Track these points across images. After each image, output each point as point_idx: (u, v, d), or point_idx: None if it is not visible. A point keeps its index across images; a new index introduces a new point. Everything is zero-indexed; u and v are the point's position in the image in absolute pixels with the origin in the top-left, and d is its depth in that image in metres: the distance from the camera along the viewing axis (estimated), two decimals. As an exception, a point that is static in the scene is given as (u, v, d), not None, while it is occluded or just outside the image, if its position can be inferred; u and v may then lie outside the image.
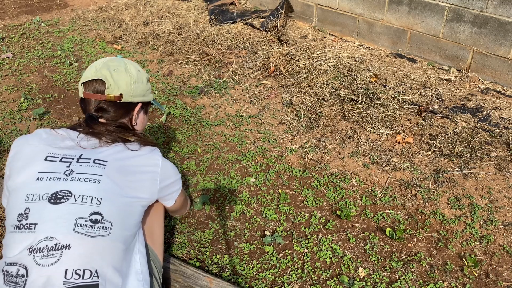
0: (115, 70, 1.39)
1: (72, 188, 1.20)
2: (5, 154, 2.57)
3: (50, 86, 3.33)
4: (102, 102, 1.37)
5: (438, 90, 3.11)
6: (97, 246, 1.17)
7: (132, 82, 1.42)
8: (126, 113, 1.45)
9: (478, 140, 2.56)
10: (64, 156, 1.26)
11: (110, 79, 1.37)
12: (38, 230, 1.15)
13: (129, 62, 1.47)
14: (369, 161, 2.47)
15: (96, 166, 1.25)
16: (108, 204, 1.21)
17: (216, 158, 2.54)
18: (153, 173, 1.36)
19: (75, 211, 1.17)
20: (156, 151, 1.41)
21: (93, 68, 1.40)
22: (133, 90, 1.42)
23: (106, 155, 1.29)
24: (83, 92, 1.38)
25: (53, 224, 1.15)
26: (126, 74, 1.41)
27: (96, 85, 1.37)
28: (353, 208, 2.18)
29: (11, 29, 4.29)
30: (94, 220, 1.18)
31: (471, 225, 2.05)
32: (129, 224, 1.28)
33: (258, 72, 3.45)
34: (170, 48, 3.85)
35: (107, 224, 1.20)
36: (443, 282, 1.80)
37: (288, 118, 2.88)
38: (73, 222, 1.16)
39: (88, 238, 1.15)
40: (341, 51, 3.71)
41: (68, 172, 1.22)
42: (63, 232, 1.14)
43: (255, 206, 2.21)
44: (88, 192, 1.20)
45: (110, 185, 1.23)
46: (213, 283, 1.66)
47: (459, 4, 3.24)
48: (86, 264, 1.14)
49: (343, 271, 1.85)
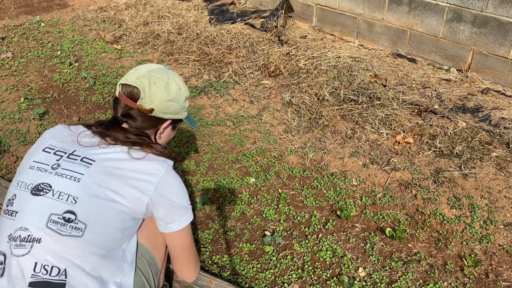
0: (155, 82, 1.35)
1: (53, 183, 1.20)
2: (5, 154, 2.57)
3: (50, 86, 3.33)
4: (133, 109, 1.35)
5: (438, 90, 3.11)
6: (67, 246, 1.14)
7: (168, 100, 1.37)
8: (153, 126, 1.40)
9: (478, 140, 2.56)
10: (58, 150, 1.27)
11: (147, 90, 1.33)
12: (17, 218, 1.17)
13: (173, 77, 1.41)
14: (369, 161, 2.47)
15: (81, 164, 1.23)
16: (83, 204, 1.18)
17: (216, 158, 2.54)
18: (147, 182, 1.25)
19: (50, 206, 1.17)
20: (163, 161, 1.31)
21: (136, 73, 1.36)
22: (166, 107, 1.38)
23: (96, 154, 1.26)
24: (119, 92, 1.36)
25: (29, 215, 1.16)
26: (165, 90, 1.36)
27: (133, 91, 1.34)
28: (353, 208, 2.18)
29: (11, 29, 4.29)
30: (67, 219, 1.16)
31: (471, 225, 2.05)
32: (109, 229, 1.22)
33: (258, 72, 3.45)
34: (170, 48, 3.85)
35: (80, 225, 1.16)
36: (443, 282, 1.80)
37: (288, 118, 2.88)
38: (46, 217, 1.15)
39: (58, 236, 1.14)
40: (341, 51, 3.71)
41: (55, 166, 1.23)
42: (36, 225, 1.15)
43: (255, 206, 2.21)
44: (66, 189, 1.18)
45: (89, 186, 1.20)
46: (213, 283, 1.66)
47: (459, 4, 3.25)
48: (55, 261, 1.13)
49: (343, 271, 1.85)
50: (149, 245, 1.42)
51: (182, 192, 1.35)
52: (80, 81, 3.39)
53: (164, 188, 1.29)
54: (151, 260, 1.42)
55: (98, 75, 3.48)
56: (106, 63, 3.67)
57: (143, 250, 1.39)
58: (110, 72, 3.52)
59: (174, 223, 1.35)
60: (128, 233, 1.31)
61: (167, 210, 1.32)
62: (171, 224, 1.35)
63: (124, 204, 1.23)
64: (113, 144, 1.29)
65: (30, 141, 2.68)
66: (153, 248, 1.43)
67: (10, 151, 2.61)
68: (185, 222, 1.37)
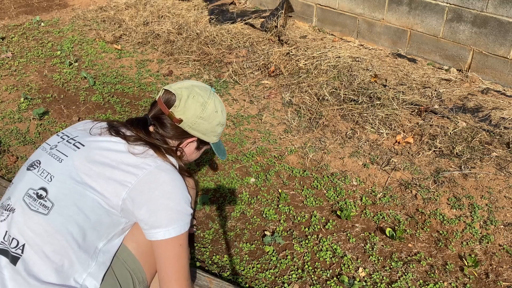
0: (194, 96, 1.36)
1: (42, 160, 1.25)
2: (5, 154, 2.57)
3: (50, 86, 3.33)
4: (164, 115, 1.36)
5: (438, 90, 3.11)
6: (32, 221, 1.15)
7: (200, 117, 1.37)
8: (178, 138, 1.39)
9: (478, 140, 2.56)
10: (66, 134, 1.32)
11: (183, 101, 1.34)
12: (10, 189, 1.24)
13: (215, 99, 1.41)
14: (369, 161, 2.47)
15: (71, 147, 1.25)
16: (57, 184, 1.18)
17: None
18: (130, 174, 1.18)
19: (31, 181, 1.21)
20: (161, 161, 1.23)
21: (180, 84, 1.40)
22: (195, 123, 1.37)
23: (90, 141, 1.26)
24: (159, 97, 1.39)
25: (15, 187, 1.22)
26: (200, 106, 1.36)
27: (171, 98, 1.36)
28: (353, 208, 2.18)
29: (11, 29, 4.28)
30: (39, 195, 1.17)
31: (471, 225, 2.05)
32: (77, 215, 1.15)
33: (258, 72, 3.45)
34: (170, 48, 3.85)
35: (48, 204, 1.16)
36: (443, 282, 1.80)
37: (288, 118, 2.88)
38: (25, 190, 1.19)
39: (28, 209, 1.16)
40: (341, 51, 3.71)
41: (53, 147, 1.28)
42: (16, 196, 1.19)
43: (255, 206, 2.21)
44: (48, 168, 1.22)
45: (68, 167, 1.19)
46: (213, 283, 1.66)
47: (459, 4, 3.24)
48: (17, 234, 1.14)
49: (343, 271, 1.85)
50: (136, 252, 1.31)
51: (175, 192, 1.20)
52: (80, 81, 3.39)
53: (149, 184, 1.17)
54: (136, 268, 1.31)
55: (98, 75, 3.48)
56: (106, 63, 3.67)
57: (127, 256, 1.30)
58: (110, 72, 3.52)
59: (159, 229, 1.16)
60: (104, 232, 1.21)
61: (150, 209, 1.16)
62: (157, 230, 1.16)
63: (98, 192, 1.16)
64: (115, 136, 1.27)
65: (30, 141, 2.68)
66: (140, 256, 1.31)
67: (10, 151, 2.60)
68: (175, 231, 1.16)
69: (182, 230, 1.18)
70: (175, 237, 1.16)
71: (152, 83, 3.37)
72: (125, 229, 1.29)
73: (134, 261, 1.31)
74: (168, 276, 1.17)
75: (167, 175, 1.21)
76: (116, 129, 1.30)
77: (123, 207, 1.19)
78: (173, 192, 1.20)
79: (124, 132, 1.30)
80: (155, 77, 3.46)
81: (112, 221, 1.22)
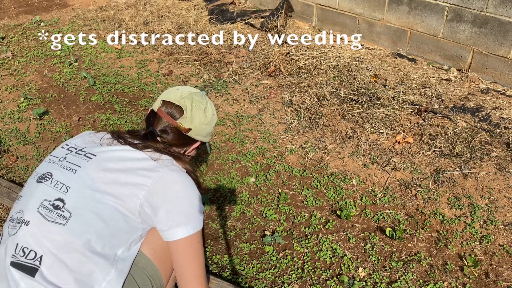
0: (196, 105, 1.42)
1: (54, 172, 1.25)
2: (5, 153, 2.57)
3: (50, 85, 3.33)
4: (170, 126, 1.40)
5: (438, 90, 3.11)
6: (50, 231, 1.14)
7: (205, 123, 1.44)
8: (183, 145, 1.45)
9: (478, 140, 2.56)
10: (72, 146, 1.33)
11: (189, 111, 1.40)
12: (20, 201, 1.25)
13: (209, 103, 1.50)
14: (369, 161, 2.47)
15: (83, 158, 1.27)
16: (74, 194, 1.19)
17: (216, 158, 2.54)
18: (145, 177, 1.22)
19: (45, 193, 1.21)
20: (171, 164, 1.29)
21: (179, 93, 1.42)
22: (201, 130, 1.45)
23: (101, 152, 1.28)
24: (159, 108, 1.41)
25: (26, 200, 1.23)
26: (204, 113, 1.44)
27: (174, 110, 1.39)
28: (353, 208, 2.18)
29: (11, 28, 4.28)
30: (56, 206, 1.18)
31: (471, 225, 2.05)
32: (95, 223, 1.17)
33: (258, 72, 3.45)
34: (170, 47, 3.85)
35: (66, 214, 1.17)
36: (443, 282, 1.80)
37: (288, 118, 2.88)
38: (39, 202, 1.19)
39: (44, 220, 1.16)
40: (341, 51, 3.71)
41: (62, 159, 1.28)
42: (29, 208, 1.19)
43: (255, 206, 2.21)
44: (63, 179, 1.22)
45: (83, 177, 1.22)
46: (213, 283, 1.66)
47: (459, 4, 3.24)
48: (34, 245, 1.14)
49: (343, 271, 1.85)
50: (154, 258, 1.33)
51: (189, 192, 1.26)
52: (80, 81, 3.38)
53: (164, 185, 1.23)
54: (154, 274, 1.33)
55: (98, 74, 3.48)
56: (106, 63, 3.67)
57: (146, 263, 1.31)
58: (110, 72, 3.52)
59: (179, 228, 1.21)
60: (123, 239, 1.23)
61: (167, 209, 1.21)
62: (176, 229, 1.21)
63: (115, 197, 1.19)
64: (123, 144, 1.31)
65: (30, 141, 2.68)
66: (157, 261, 1.33)
67: (10, 151, 2.60)
68: (194, 228, 1.22)
69: (198, 227, 1.24)
70: (194, 235, 1.22)
71: (152, 83, 3.37)
72: (142, 235, 1.30)
73: (152, 267, 1.32)
74: (188, 274, 1.22)
75: (178, 175, 1.27)
76: (123, 138, 1.33)
77: (140, 211, 1.22)
78: (186, 191, 1.26)
79: (131, 140, 1.33)
80: (155, 77, 3.46)
81: (130, 227, 1.23)
